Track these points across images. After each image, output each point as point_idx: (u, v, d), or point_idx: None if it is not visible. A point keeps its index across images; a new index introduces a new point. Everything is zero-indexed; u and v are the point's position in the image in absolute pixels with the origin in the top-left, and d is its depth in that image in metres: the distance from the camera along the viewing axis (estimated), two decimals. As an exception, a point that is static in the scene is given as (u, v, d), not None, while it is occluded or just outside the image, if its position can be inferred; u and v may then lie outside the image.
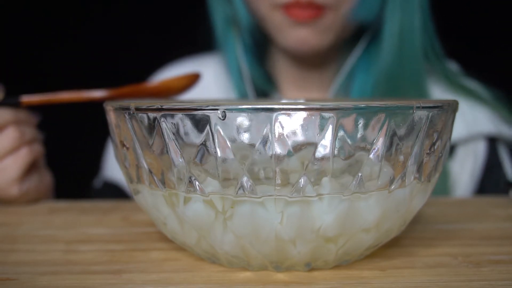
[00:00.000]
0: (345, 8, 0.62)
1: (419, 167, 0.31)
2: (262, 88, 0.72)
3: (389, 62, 0.64)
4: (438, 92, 0.69)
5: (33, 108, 0.51)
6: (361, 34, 0.68)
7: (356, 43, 0.68)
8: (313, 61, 0.69)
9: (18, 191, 0.51)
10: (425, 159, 0.31)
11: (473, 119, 0.67)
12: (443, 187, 0.65)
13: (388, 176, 0.30)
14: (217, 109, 0.28)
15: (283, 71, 0.72)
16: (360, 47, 0.67)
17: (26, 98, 0.48)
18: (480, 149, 0.67)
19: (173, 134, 0.29)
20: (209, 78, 0.73)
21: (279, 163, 0.28)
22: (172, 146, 0.29)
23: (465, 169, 0.67)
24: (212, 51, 0.77)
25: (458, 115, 0.66)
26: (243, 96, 0.70)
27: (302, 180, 0.28)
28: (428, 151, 0.31)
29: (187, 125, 0.29)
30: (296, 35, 0.63)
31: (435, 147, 0.32)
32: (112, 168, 0.73)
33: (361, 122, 0.28)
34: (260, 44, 0.71)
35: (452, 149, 0.67)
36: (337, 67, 0.70)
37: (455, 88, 0.68)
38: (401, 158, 0.30)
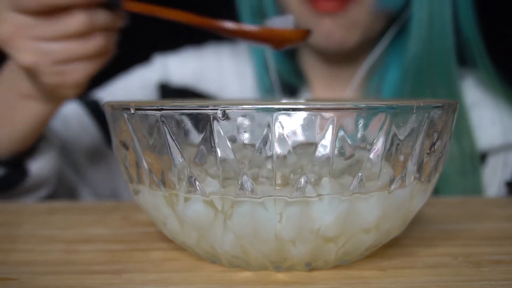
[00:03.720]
0: (370, 1, 0.62)
1: (419, 167, 0.31)
2: (291, 83, 0.71)
3: (418, 52, 0.63)
4: (474, 98, 0.67)
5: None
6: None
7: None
8: (342, 59, 0.69)
9: (75, 94, 0.47)
10: (425, 159, 0.31)
11: (510, 128, 0.66)
12: (475, 193, 0.64)
13: (388, 176, 0.30)
14: (217, 109, 0.28)
15: (313, 67, 0.71)
16: (386, 40, 0.66)
17: (130, 3, 0.43)
18: (510, 160, 0.66)
19: (173, 134, 0.29)
20: (228, 69, 0.73)
21: (279, 163, 0.28)
22: (172, 146, 0.29)
23: (495, 179, 0.66)
24: (228, 42, 0.77)
25: (496, 122, 0.66)
26: (267, 90, 0.70)
27: (302, 180, 0.28)
28: (428, 151, 0.31)
29: (187, 125, 0.29)
30: (321, 28, 0.63)
31: (435, 147, 0.32)
32: None
33: (361, 122, 0.28)
34: None
35: (484, 156, 0.66)
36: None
37: (496, 93, 0.67)
38: (401, 158, 0.30)
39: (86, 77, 0.46)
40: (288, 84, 0.71)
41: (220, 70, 0.74)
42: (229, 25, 0.45)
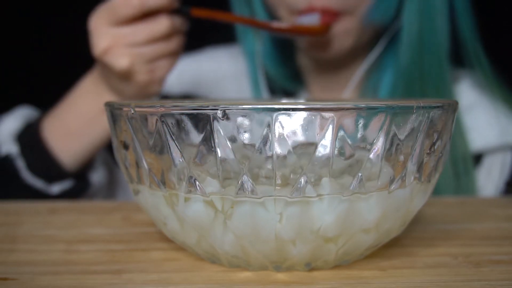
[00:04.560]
0: (361, 11, 0.62)
1: (419, 167, 0.31)
2: (288, 88, 0.72)
3: (407, 63, 0.63)
4: (471, 99, 0.67)
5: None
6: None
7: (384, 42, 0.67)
8: (337, 64, 0.69)
9: (159, 88, 0.55)
10: (425, 159, 0.31)
11: (507, 129, 0.66)
12: (468, 194, 0.64)
13: (388, 176, 0.30)
14: (217, 109, 0.28)
15: (309, 71, 0.71)
16: (379, 48, 0.66)
17: (196, 10, 0.54)
18: (507, 161, 0.66)
19: (173, 134, 0.29)
20: (225, 73, 0.74)
21: (279, 163, 0.28)
22: (172, 146, 0.29)
23: (491, 179, 0.66)
24: (226, 44, 0.77)
25: (492, 123, 0.66)
26: (259, 96, 0.70)
27: (302, 180, 0.28)
28: (428, 151, 0.31)
29: (187, 125, 0.29)
30: (314, 40, 0.63)
31: (435, 147, 0.32)
32: None
33: (361, 122, 0.28)
34: (285, 45, 0.70)
35: (480, 157, 0.66)
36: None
37: (492, 94, 0.66)
38: (401, 158, 0.30)
39: (169, 72, 0.55)
40: (286, 87, 0.71)
41: (217, 75, 0.74)
42: (273, 24, 0.58)
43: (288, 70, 0.72)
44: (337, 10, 0.60)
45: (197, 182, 0.30)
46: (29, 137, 0.59)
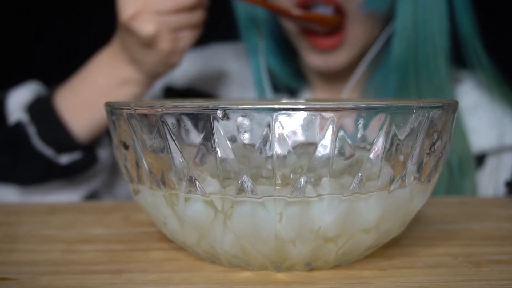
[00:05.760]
0: (360, 15, 0.61)
1: (419, 167, 0.31)
2: (291, 85, 0.72)
3: (401, 56, 0.62)
4: (473, 100, 0.67)
5: None
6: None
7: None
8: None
9: (180, 59, 0.57)
10: (425, 159, 0.31)
11: (508, 129, 0.66)
12: (461, 194, 0.64)
13: (388, 176, 0.30)
14: (217, 109, 0.28)
15: (311, 69, 0.71)
16: (377, 45, 0.66)
17: None
18: (508, 161, 0.66)
19: (173, 134, 0.29)
20: (230, 70, 0.74)
21: (279, 163, 0.28)
22: (172, 146, 0.29)
23: (492, 180, 0.66)
24: (230, 41, 0.77)
25: (494, 124, 0.66)
26: (262, 93, 0.70)
27: (302, 180, 0.28)
28: (428, 151, 0.31)
29: (187, 125, 0.29)
30: (320, 59, 0.64)
31: (435, 147, 0.32)
32: None
33: (361, 122, 0.28)
34: (288, 43, 0.70)
35: (482, 158, 0.66)
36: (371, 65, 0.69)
37: (493, 94, 0.66)
38: (401, 158, 0.30)
39: (190, 44, 0.57)
40: (290, 85, 0.71)
41: (222, 71, 0.74)
42: (295, 11, 0.61)
43: (292, 68, 0.72)
44: (339, 2, 0.60)
45: (197, 182, 0.30)
46: (41, 107, 0.60)
